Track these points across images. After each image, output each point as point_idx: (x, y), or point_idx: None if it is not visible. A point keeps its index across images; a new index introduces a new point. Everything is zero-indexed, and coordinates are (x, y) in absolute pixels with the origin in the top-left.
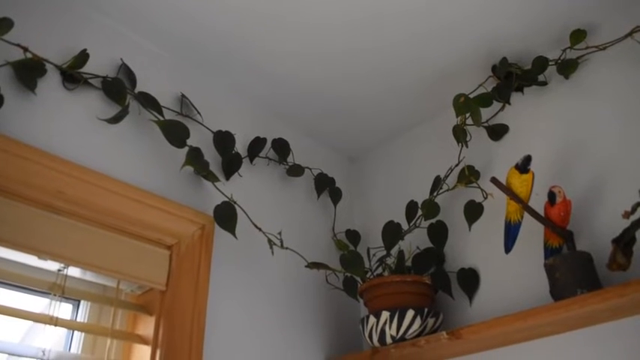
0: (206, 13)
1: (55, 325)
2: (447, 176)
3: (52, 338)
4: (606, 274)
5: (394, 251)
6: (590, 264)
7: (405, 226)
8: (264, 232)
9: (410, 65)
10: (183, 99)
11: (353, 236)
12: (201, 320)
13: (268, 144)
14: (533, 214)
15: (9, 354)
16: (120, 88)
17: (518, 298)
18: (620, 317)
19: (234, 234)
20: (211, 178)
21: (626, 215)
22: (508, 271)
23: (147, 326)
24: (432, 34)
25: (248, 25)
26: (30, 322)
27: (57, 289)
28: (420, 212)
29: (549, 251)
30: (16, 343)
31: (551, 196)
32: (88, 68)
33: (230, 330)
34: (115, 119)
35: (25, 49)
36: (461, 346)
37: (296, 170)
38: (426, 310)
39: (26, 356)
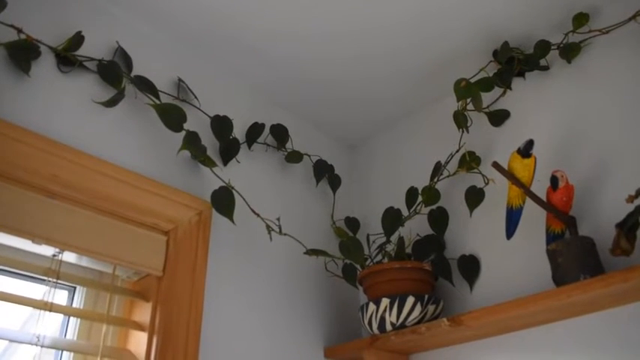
0: None
1: (50, 311)
2: (447, 162)
3: (48, 324)
4: (609, 260)
5: (394, 238)
6: (593, 249)
7: (405, 212)
8: (262, 218)
9: (410, 50)
10: (180, 83)
11: (352, 223)
12: (198, 306)
13: (267, 130)
14: (535, 199)
15: (5, 340)
16: (116, 72)
17: (519, 284)
18: (624, 303)
19: (232, 219)
20: (209, 163)
21: (630, 200)
22: (509, 257)
23: (143, 312)
24: (432, 18)
25: (247, 7)
26: (28, 311)
27: (52, 274)
28: (420, 198)
29: (551, 237)
30: (9, 329)
31: (554, 181)
32: (84, 51)
33: (227, 316)
34: (111, 102)
35: (19, 30)
36: (462, 333)
37: (295, 157)
38: (426, 296)
39: (21, 342)
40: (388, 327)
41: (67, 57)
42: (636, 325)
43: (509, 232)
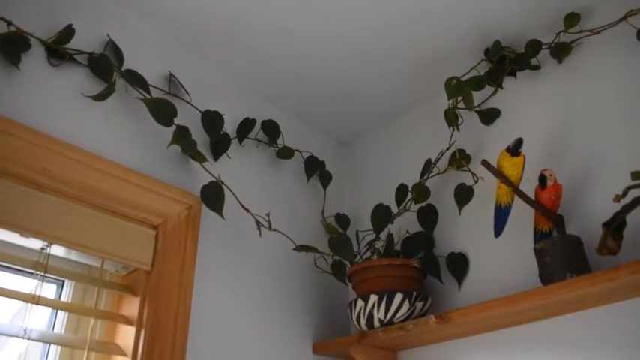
0: None
1: (37, 304)
2: (437, 160)
3: (36, 318)
4: (596, 259)
5: (383, 235)
6: (580, 248)
7: (394, 209)
8: (251, 214)
9: (402, 48)
10: (171, 78)
11: (342, 220)
12: (186, 301)
13: (258, 125)
14: (524, 197)
15: None
16: (106, 65)
17: (507, 282)
18: (610, 302)
19: (221, 215)
20: (199, 158)
21: (617, 199)
22: (497, 255)
23: (131, 307)
24: (424, 16)
25: (239, 3)
26: (17, 305)
27: (40, 267)
28: (410, 196)
29: (539, 235)
30: None
31: (542, 180)
32: (74, 44)
33: (216, 312)
34: (101, 96)
35: (9, 23)
36: (449, 330)
37: (286, 153)
38: (414, 293)
39: (7, 335)
40: (376, 323)
41: (58, 50)
42: (622, 323)
43: (498, 230)
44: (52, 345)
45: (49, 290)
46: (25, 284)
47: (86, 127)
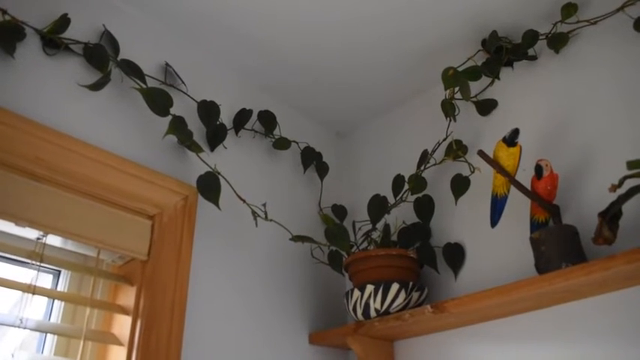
0: None
1: (33, 294)
2: (434, 150)
3: (32, 307)
4: (592, 249)
5: (380, 225)
6: (575, 238)
7: (391, 200)
8: (248, 204)
9: (399, 38)
10: (167, 68)
11: (339, 211)
12: (183, 291)
13: (254, 116)
14: (520, 187)
15: None
16: (102, 55)
17: (503, 272)
18: (605, 291)
19: (217, 205)
20: (195, 148)
21: (613, 189)
22: (494, 245)
23: (128, 296)
24: (421, 6)
25: None
26: (15, 295)
27: (35, 257)
28: (406, 186)
29: (535, 225)
30: None
31: (538, 170)
32: (69, 34)
33: (212, 302)
34: (97, 86)
35: (4, 12)
36: (445, 320)
37: (282, 143)
38: (410, 283)
39: (3, 325)
40: (372, 313)
41: (53, 39)
42: (617, 313)
43: (494, 220)
44: (48, 334)
45: (45, 280)
46: (22, 274)
47: (81, 116)
